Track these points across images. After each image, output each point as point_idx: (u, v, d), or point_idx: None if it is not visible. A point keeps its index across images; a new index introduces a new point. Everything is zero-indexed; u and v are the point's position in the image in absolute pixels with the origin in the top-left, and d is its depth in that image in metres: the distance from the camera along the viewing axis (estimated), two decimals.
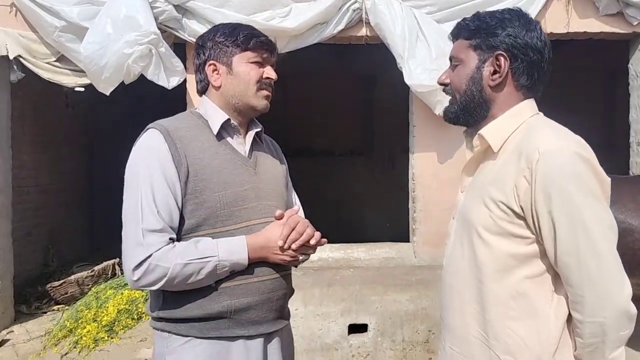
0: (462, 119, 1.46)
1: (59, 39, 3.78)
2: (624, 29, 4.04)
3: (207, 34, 1.70)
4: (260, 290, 1.59)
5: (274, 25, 3.67)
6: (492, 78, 1.40)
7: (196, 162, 1.56)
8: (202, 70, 1.69)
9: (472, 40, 1.42)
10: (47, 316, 4.73)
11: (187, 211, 1.54)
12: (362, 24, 3.95)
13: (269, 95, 1.69)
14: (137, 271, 1.47)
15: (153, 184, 1.51)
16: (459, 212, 1.48)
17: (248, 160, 1.68)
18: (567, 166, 1.24)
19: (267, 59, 1.67)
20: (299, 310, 3.60)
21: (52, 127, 6.17)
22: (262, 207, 1.64)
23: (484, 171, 1.41)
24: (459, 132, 4.15)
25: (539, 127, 1.35)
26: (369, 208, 7.94)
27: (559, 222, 1.24)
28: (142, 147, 1.57)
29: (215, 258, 1.51)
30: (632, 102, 4.25)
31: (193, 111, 1.71)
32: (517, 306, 1.32)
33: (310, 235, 1.60)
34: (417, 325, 3.64)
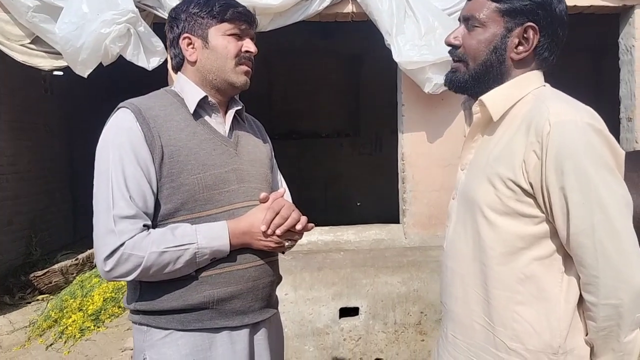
0: (471, 89, 1.34)
1: (33, 20, 3.62)
2: (614, 2, 3.97)
3: (180, 5, 1.59)
4: (245, 278, 1.51)
5: (258, 1, 3.54)
6: (517, 50, 1.28)
7: (171, 143, 1.45)
8: (176, 45, 1.58)
9: (500, 3, 1.27)
10: (31, 306, 4.63)
11: (163, 196, 1.45)
12: (348, 0, 3.84)
13: (249, 71, 1.58)
14: (109, 261, 1.38)
15: (124, 167, 1.40)
16: (460, 191, 1.39)
17: (228, 140, 1.57)
18: (580, 138, 1.15)
19: (246, 31, 1.57)
20: (289, 295, 3.54)
21: (31, 112, 5.99)
22: (244, 190, 1.55)
23: (488, 146, 1.31)
24: (448, 111, 4.11)
25: (548, 97, 1.25)
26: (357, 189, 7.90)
27: (572, 199, 1.15)
28: (112, 128, 1.46)
29: (194, 245, 1.41)
30: (622, 77, 4.20)
31: (168, 89, 1.60)
32: (524, 290, 1.25)
33: (295, 220, 1.50)
34: (409, 307, 3.60)
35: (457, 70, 1.36)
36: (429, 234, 4.08)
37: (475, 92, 1.34)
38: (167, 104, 1.52)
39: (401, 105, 4.13)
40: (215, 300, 1.47)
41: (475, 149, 1.37)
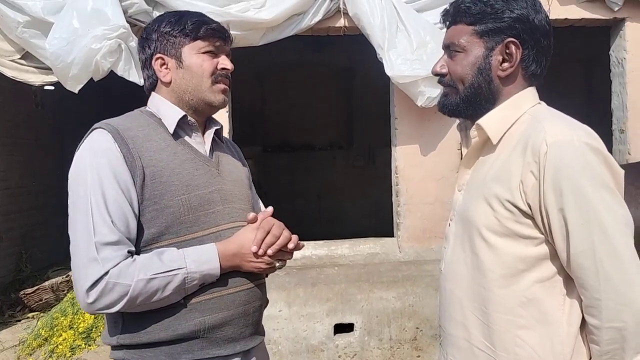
0: (464, 112, 1.34)
1: (23, 35, 3.59)
2: (605, 15, 3.99)
3: (151, 24, 1.53)
4: (235, 303, 1.44)
5: (249, 16, 3.54)
6: (502, 67, 1.27)
7: (153, 164, 1.39)
8: (149, 66, 1.52)
9: (477, 26, 1.27)
10: (21, 324, 4.56)
11: (146, 219, 1.37)
12: (340, 14, 3.84)
13: (226, 89, 1.53)
14: (93, 292, 1.28)
15: (104, 190, 1.33)
16: (457, 212, 1.37)
17: (210, 160, 1.52)
18: (578, 158, 1.14)
19: (221, 48, 1.52)
20: (282, 311, 3.50)
21: (22, 127, 5.95)
22: (229, 211, 1.49)
23: (484, 166, 1.30)
24: (441, 124, 4.11)
25: (544, 117, 1.24)
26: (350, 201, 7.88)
27: (572, 220, 1.14)
28: (88, 150, 1.38)
29: (183, 270, 1.34)
30: (614, 89, 4.22)
31: (143, 110, 1.54)
32: (526, 313, 1.22)
33: (287, 239, 1.45)
34: (404, 322, 3.56)
35: (448, 94, 1.36)
36: (424, 247, 4.05)
37: (469, 114, 1.34)
38: (145, 125, 1.46)
39: (394, 119, 4.12)
40: (206, 328, 1.39)
41: (471, 170, 1.36)
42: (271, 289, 3.57)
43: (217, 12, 3.47)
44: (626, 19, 4.00)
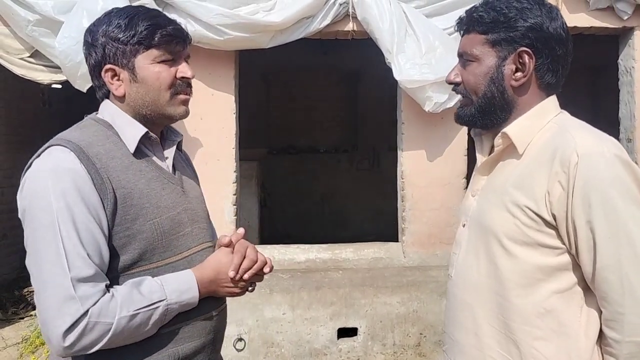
0: (479, 122, 1.33)
1: (33, 34, 3.60)
2: (614, 23, 3.98)
3: (96, 25, 1.33)
4: (206, 330, 1.37)
5: (258, 19, 3.54)
6: (515, 77, 1.26)
7: (122, 185, 1.25)
8: (97, 76, 1.34)
9: (489, 35, 1.26)
10: (24, 322, 4.57)
11: (117, 246, 1.23)
12: (349, 18, 3.83)
13: (188, 99, 1.38)
14: (71, 335, 1.13)
15: (75, 218, 1.16)
16: (471, 218, 1.35)
17: (174, 177, 1.40)
18: (609, 171, 1.13)
19: (179, 53, 1.35)
20: (286, 314, 3.50)
21: (29, 125, 5.96)
22: (197, 232, 1.40)
23: (503, 173, 1.29)
24: (448, 130, 4.11)
25: (572, 127, 1.23)
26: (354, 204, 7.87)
27: (600, 233, 1.13)
28: (48, 172, 1.19)
29: (164, 302, 1.24)
30: (622, 97, 4.21)
31: (97, 119, 1.36)
32: (544, 325, 1.21)
33: (263, 262, 1.39)
34: (408, 328, 3.56)
35: (464, 105, 1.35)
36: (429, 253, 4.04)
37: (485, 124, 1.33)
38: (104, 138, 1.30)
39: (401, 124, 4.12)
40: (179, 358, 1.30)
41: (488, 176, 1.35)
42: (275, 292, 3.58)
43: (227, 14, 3.48)
44: (635, 28, 3.99)
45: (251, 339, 3.50)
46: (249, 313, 3.49)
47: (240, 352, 3.48)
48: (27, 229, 1.21)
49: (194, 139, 3.77)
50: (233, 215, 3.90)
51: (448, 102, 3.74)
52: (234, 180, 3.92)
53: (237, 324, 3.47)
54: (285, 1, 3.63)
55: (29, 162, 1.26)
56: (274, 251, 4.01)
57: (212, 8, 3.49)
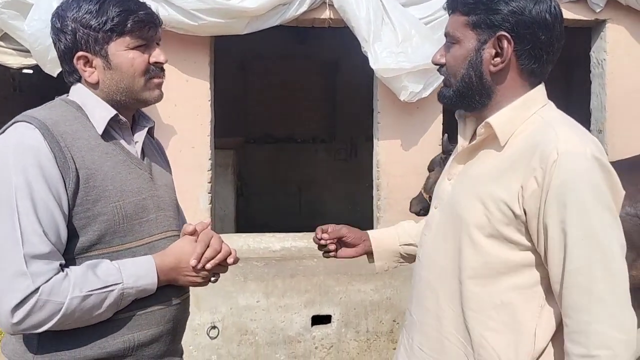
0: (459, 104, 1.31)
1: (1, 16, 3.50)
2: (587, 15, 4.03)
3: (64, 10, 1.31)
4: (165, 318, 1.35)
5: (234, 4, 3.50)
6: (493, 62, 1.23)
7: (86, 165, 1.24)
8: (68, 61, 1.33)
9: (470, 16, 1.23)
10: None
11: (76, 227, 1.23)
12: (326, 6, 3.81)
13: (161, 82, 1.39)
14: (20, 311, 1.12)
15: (33, 194, 1.15)
16: (445, 203, 1.34)
17: (142, 163, 1.39)
18: (587, 173, 1.11)
19: (151, 37, 1.35)
20: (260, 302, 3.50)
21: None
22: (162, 219, 1.39)
23: (483, 162, 1.27)
24: (424, 119, 4.13)
25: (556, 123, 1.20)
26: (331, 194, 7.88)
27: (572, 234, 1.11)
28: (11, 147, 1.19)
29: (120, 285, 1.22)
30: (593, 89, 4.27)
31: (66, 99, 1.36)
32: (498, 317, 1.21)
33: (227, 253, 1.37)
34: (381, 315, 3.59)
35: (445, 86, 1.33)
36: None
37: (464, 107, 1.32)
38: (72, 119, 1.29)
39: (377, 113, 4.13)
40: (135, 345, 1.29)
41: (466, 163, 1.33)
42: (249, 280, 3.57)
43: None
44: (607, 21, 4.05)
45: (225, 327, 3.49)
46: (223, 301, 3.48)
47: (213, 339, 3.47)
48: None
49: (167, 126, 3.72)
50: (208, 204, 3.87)
51: (423, 91, 3.76)
52: (208, 168, 3.88)
53: (210, 311, 3.46)
54: None
55: None
56: (249, 239, 4.00)
57: None
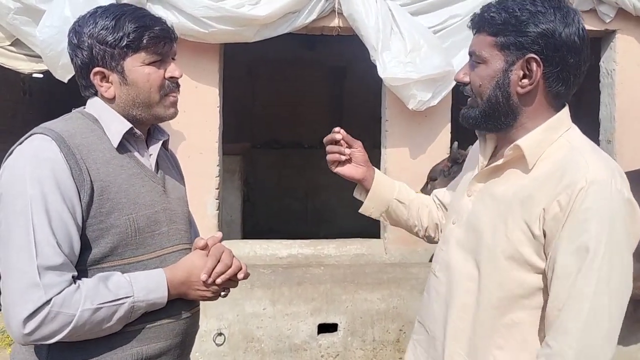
0: (483, 125, 1.30)
1: (14, 22, 3.54)
2: (597, 26, 4.03)
3: (81, 26, 1.32)
4: (174, 332, 1.35)
5: (244, 12, 3.52)
6: (521, 84, 1.21)
7: (100, 178, 1.25)
8: (85, 76, 1.34)
9: (498, 37, 1.21)
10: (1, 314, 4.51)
11: (89, 239, 1.24)
12: (335, 14, 3.83)
13: (176, 100, 1.40)
14: (32, 322, 1.12)
15: (48, 206, 1.17)
16: (465, 220, 1.33)
17: (155, 176, 1.40)
18: (613, 204, 1.11)
19: (167, 52, 1.36)
20: (267, 309, 3.50)
21: (9, 114, 5.88)
22: (174, 232, 1.40)
23: (508, 182, 1.26)
24: (432, 128, 4.12)
25: (584, 149, 1.20)
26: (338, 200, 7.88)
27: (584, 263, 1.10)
28: (28, 159, 1.20)
29: (131, 299, 1.23)
30: (603, 99, 4.26)
31: (83, 112, 1.37)
32: (509, 335, 1.21)
33: (238, 268, 1.37)
34: (387, 324, 3.58)
35: (470, 106, 1.31)
36: (410, 249, 4.06)
37: (488, 129, 1.31)
38: (88, 131, 1.31)
39: (385, 121, 4.13)
40: (143, 358, 1.29)
41: (489, 180, 1.32)
42: (256, 287, 3.57)
43: (212, 6, 3.46)
44: (617, 31, 4.05)
45: (231, 334, 3.50)
46: (229, 308, 3.48)
47: (220, 346, 3.47)
48: (1, 214, 1.20)
49: (176, 132, 3.74)
50: (215, 210, 3.88)
51: (432, 100, 3.76)
52: (216, 174, 3.90)
53: (217, 318, 3.46)
54: None
55: (11, 149, 1.27)
56: (256, 246, 4.00)
57: (197, 0, 3.46)
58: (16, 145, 1.26)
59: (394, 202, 1.61)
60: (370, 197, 1.61)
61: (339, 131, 1.55)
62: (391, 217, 1.65)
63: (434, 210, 1.64)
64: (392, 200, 1.61)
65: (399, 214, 1.62)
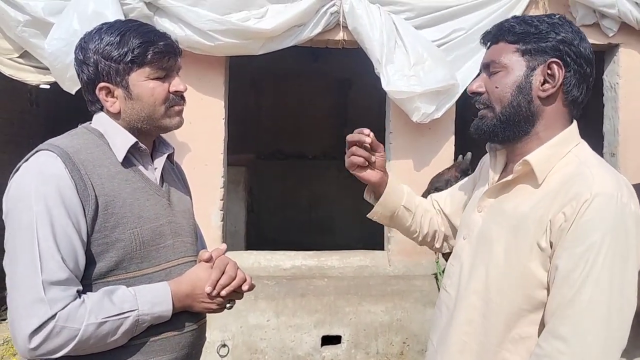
0: (501, 134, 1.29)
1: (23, 34, 3.59)
2: (600, 40, 4.05)
3: (87, 42, 1.34)
4: (180, 345, 1.35)
5: (250, 26, 3.56)
6: (543, 88, 1.23)
7: (105, 192, 1.26)
8: (91, 92, 1.36)
9: (520, 44, 1.24)
10: (6, 324, 4.51)
11: (94, 253, 1.25)
12: (340, 27, 3.87)
13: (181, 110, 1.41)
14: (37, 336, 1.14)
15: (53, 221, 1.18)
16: (476, 235, 1.34)
17: (160, 189, 1.41)
18: (617, 216, 1.12)
19: (171, 67, 1.38)
20: (270, 321, 3.50)
21: (16, 125, 5.92)
22: (179, 245, 1.40)
23: (517, 198, 1.27)
24: (436, 140, 4.14)
25: (593, 164, 1.21)
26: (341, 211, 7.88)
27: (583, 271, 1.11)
28: (33, 175, 1.22)
29: (135, 312, 1.24)
30: (606, 113, 4.28)
31: (89, 127, 1.39)
32: (514, 350, 1.22)
33: (242, 280, 1.38)
34: (391, 337, 3.57)
35: (484, 117, 1.31)
36: (413, 262, 4.07)
37: (506, 136, 1.29)
38: (93, 146, 1.32)
39: (389, 133, 4.15)
40: None
41: (499, 196, 1.33)
42: (260, 299, 3.58)
43: (218, 20, 3.50)
44: (620, 45, 4.07)
45: (235, 345, 3.50)
46: (233, 319, 3.49)
47: (223, 358, 3.46)
48: (8, 230, 1.22)
49: (182, 144, 3.77)
50: (220, 221, 3.90)
51: (436, 112, 3.78)
52: (221, 186, 3.92)
53: (220, 329, 3.47)
54: (277, 9, 3.66)
55: (17, 165, 1.28)
56: (260, 257, 4.01)
57: (203, 14, 3.50)
58: (22, 161, 1.28)
59: (401, 209, 1.62)
60: (381, 202, 1.61)
61: (368, 134, 1.51)
62: (393, 221, 1.66)
63: (435, 217, 1.65)
64: (400, 206, 1.62)
65: (403, 220, 1.64)
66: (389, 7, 3.80)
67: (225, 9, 3.58)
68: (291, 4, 3.66)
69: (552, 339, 1.13)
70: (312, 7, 3.68)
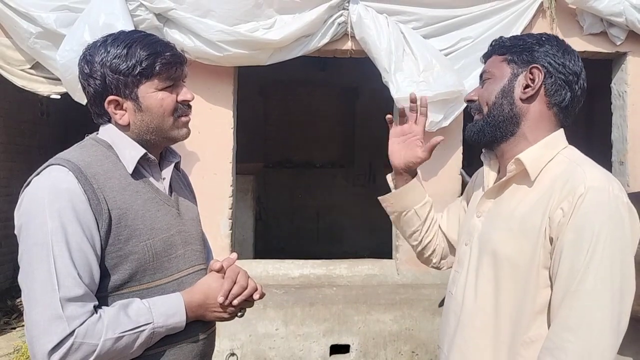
0: (488, 133, 1.39)
1: (35, 46, 3.64)
2: (608, 48, 4.05)
3: (92, 55, 1.33)
4: (193, 354, 1.37)
5: (258, 36, 3.59)
6: (525, 91, 1.34)
7: (117, 206, 1.27)
8: (99, 104, 1.35)
9: (507, 55, 1.39)
10: (16, 332, 4.55)
11: (108, 266, 1.25)
12: (348, 37, 3.89)
13: (189, 121, 1.42)
14: (56, 354, 1.14)
15: (68, 237, 1.18)
16: (477, 240, 1.39)
17: (169, 199, 1.42)
18: (610, 207, 1.19)
19: (178, 77, 1.38)
20: (279, 330, 3.50)
21: (26, 134, 5.99)
22: (189, 254, 1.42)
23: (513, 199, 1.33)
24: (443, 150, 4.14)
25: (583, 162, 1.30)
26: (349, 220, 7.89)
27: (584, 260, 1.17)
28: (46, 190, 1.21)
29: (151, 325, 1.25)
30: (614, 121, 4.27)
31: (97, 139, 1.38)
32: (526, 354, 1.24)
33: (254, 289, 1.40)
34: (400, 346, 3.57)
35: (476, 120, 1.43)
36: (422, 270, 4.05)
37: (493, 136, 1.38)
38: (103, 159, 1.32)
39: None
40: None
41: (495, 200, 1.39)
42: (268, 307, 3.59)
43: (227, 30, 3.53)
44: (628, 53, 4.06)
45: (243, 354, 3.51)
46: (242, 328, 3.49)
47: None
48: (22, 246, 1.22)
49: (191, 153, 3.80)
50: (228, 230, 3.91)
51: (444, 121, 3.78)
52: (230, 195, 3.94)
53: (229, 338, 3.47)
54: (285, 19, 3.69)
55: (28, 180, 1.28)
56: (268, 266, 4.02)
57: (212, 24, 3.53)
58: (33, 175, 1.28)
59: (411, 212, 1.65)
60: (395, 193, 1.65)
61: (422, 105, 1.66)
62: (400, 221, 1.69)
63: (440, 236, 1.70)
64: (412, 209, 1.65)
65: (410, 224, 1.66)
66: (396, 17, 3.82)
67: (234, 19, 3.62)
68: (299, 15, 3.69)
69: (561, 331, 1.17)
70: (320, 18, 3.71)
